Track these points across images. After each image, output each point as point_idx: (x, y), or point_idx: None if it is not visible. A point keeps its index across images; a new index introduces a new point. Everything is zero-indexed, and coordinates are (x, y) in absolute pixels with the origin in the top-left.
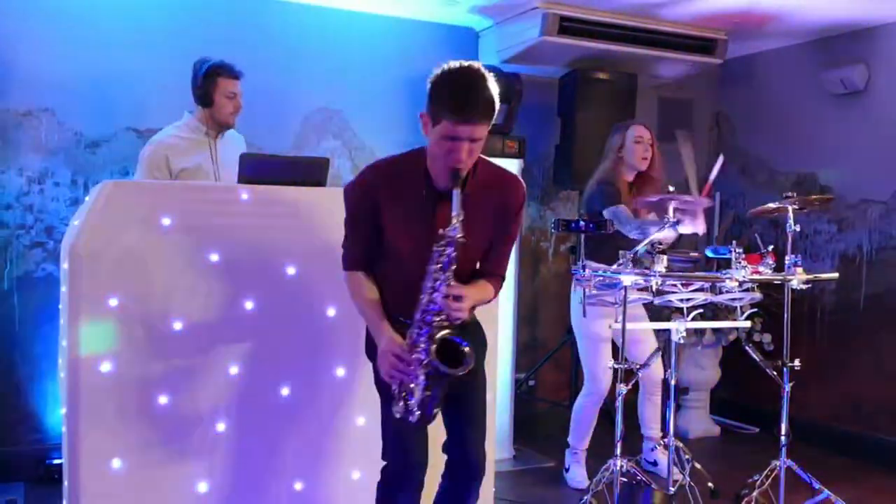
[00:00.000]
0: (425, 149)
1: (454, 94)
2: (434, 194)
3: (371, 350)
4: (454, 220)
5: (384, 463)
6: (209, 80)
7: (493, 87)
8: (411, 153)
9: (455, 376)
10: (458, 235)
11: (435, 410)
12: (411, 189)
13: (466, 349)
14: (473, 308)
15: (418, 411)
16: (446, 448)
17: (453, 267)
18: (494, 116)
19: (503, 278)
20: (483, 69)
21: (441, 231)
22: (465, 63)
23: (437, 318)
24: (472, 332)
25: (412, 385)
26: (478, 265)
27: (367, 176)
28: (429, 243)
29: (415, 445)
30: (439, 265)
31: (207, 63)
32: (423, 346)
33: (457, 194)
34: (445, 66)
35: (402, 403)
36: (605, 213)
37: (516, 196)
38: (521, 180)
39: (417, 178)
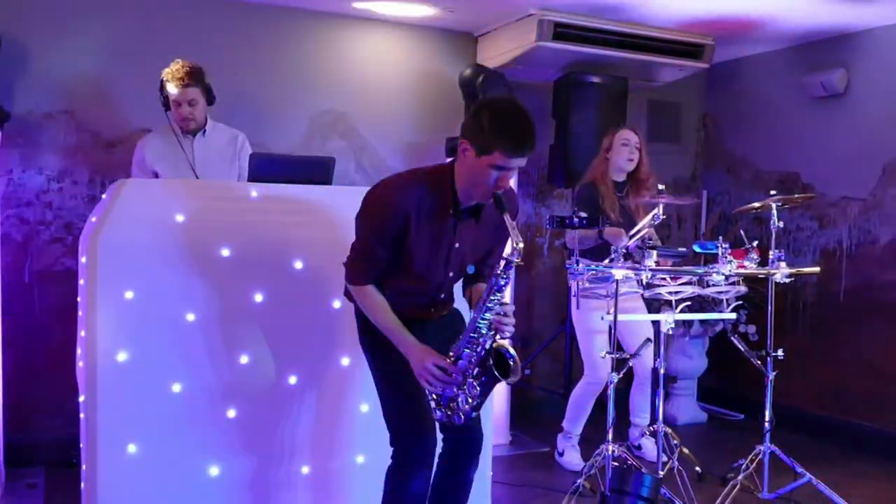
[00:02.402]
0: (448, 168)
1: (513, 130)
2: (458, 213)
3: (365, 340)
4: (516, 245)
5: (394, 448)
6: (161, 87)
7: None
8: (436, 172)
9: (509, 383)
10: (519, 260)
11: (475, 413)
12: (439, 209)
13: (512, 361)
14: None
15: (463, 414)
16: (443, 428)
17: (507, 288)
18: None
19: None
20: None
21: (506, 257)
22: (512, 98)
23: (483, 336)
24: (453, 320)
25: (455, 391)
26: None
27: (400, 187)
28: (443, 259)
29: (430, 427)
30: (497, 288)
31: (167, 68)
32: (473, 357)
33: (508, 219)
34: (494, 100)
35: (444, 410)
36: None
37: (513, 209)
38: (514, 192)
39: (445, 197)
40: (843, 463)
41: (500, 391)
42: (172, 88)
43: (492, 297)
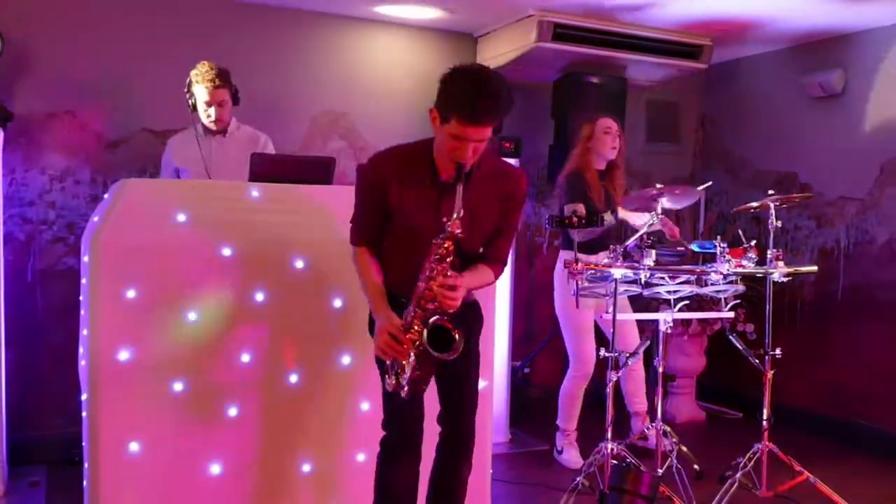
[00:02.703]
0: (433, 140)
1: (465, 97)
2: (439, 184)
3: (372, 327)
4: (454, 216)
5: (383, 433)
6: (189, 88)
7: (503, 90)
8: (420, 143)
9: (444, 360)
10: (457, 231)
11: (423, 387)
12: (418, 178)
13: (457, 335)
14: (474, 289)
15: (407, 387)
16: (440, 420)
17: (450, 259)
18: (503, 116)
19: (504, 264)
20: (496, 73)
21: (444, 224)
22: (478, 66)
23: (432, 305)
24: (471, 311)
25: (404, 363)
26: (480, 250)
27: (378, 160)
28: (433, 230)
29: (412, 419)
30: (437, 257)
31: (196, 70)
32: (416, 328)
33: (459, 190)
34: (458, 67)
35: (393, 379)
36: (566, 209)
37: (518, 187)
38: (524, 173)
39: (424, 169)
40: (841, 461)
41: (499, 388)
42: (202, 90)
43: (432, 265)
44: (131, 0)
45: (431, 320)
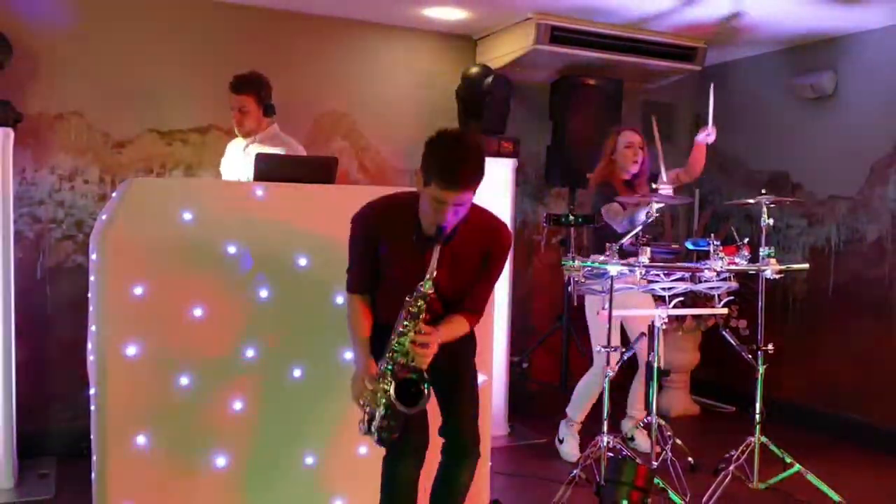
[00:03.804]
0: (417, 195)
1: (445, 164)
2: (423, 238)
3: None
4: (427, 276)
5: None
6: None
7: (481, 158)
8: (406, 197)
9: (409, 414)
10: (430, 291)
11: (394, 436)
12: (404, 232)
13: (424, 391)
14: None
15: (376, 434)
16: (441, 432)
17: (422, 316)
18: (480, 184)
19: (480, 314)
20: (475, 140)
21: (419, 284)
22: (459, 133)
23: (402, 360)
24: (456, 358)
25: (376, 411)
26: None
27: (367, 213)
28: (418, 277)
29: (415, 426)
30: (409, 314)
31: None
32: (389, 379)
33: (436, 252)
34: (441, 133)
35: (365, 425)
36: (603, 211)
37: (502, 241)
38: (508, 228)
39: (409, 223)
40: (832, 453)
41: (498, 383)
42: (229, 96)
43: (405, 322)
44: (138, 4)
45: (401, 376)
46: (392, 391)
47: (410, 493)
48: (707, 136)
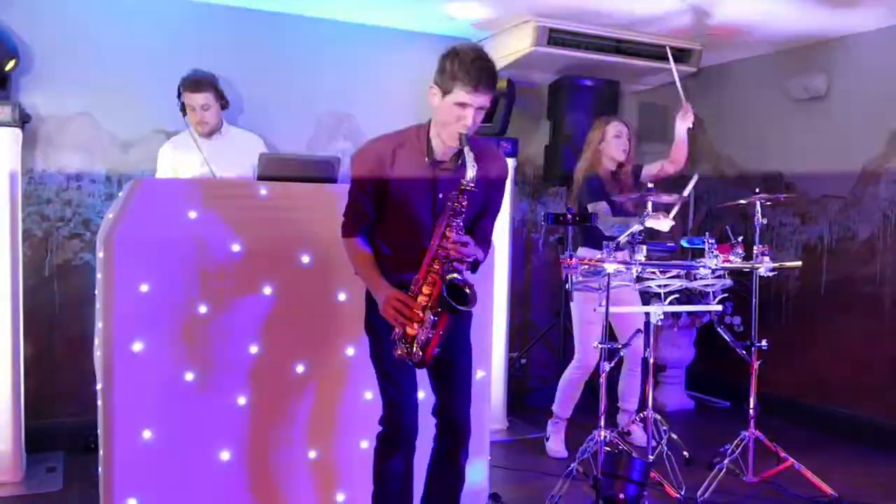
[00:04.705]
0: (423, 124)
1: (471, 65)
2: (435, 163)
3: (370, 325)
4: (470, 174)
5: (380, 428)
6: (179, 93)
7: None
8: (415, 127)
9: (462, 312)
10: (471, 186)
11: (437, 350)
12: (414, 157)
13: (468, 290)
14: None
15: (421, 351)
16: (435, 412)
17: (463, 215)
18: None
19: (489, 245)
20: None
21: (462, 181)
22: (474, 44)
23: (438, 266)
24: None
25: (416, 327)
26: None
27: (375, 144)
28: (427, 209)
29: (405, 415)
30: (453, 212)
31: (182, 77)
32: (426, 292)
33: (468, 152)
34: (456, 46)
35: (404, 346)
36: (589, 207)
37: (502, 170)
38: (504, 156)
39: (419, 148)
40: (824, 448)
41: (497, 378)
42: (187, 93)
43: (447, 222)
44: (143, 7)
45: (449, 276)
46: (444, 290)
47: (404, 487)
48: (686, 115)
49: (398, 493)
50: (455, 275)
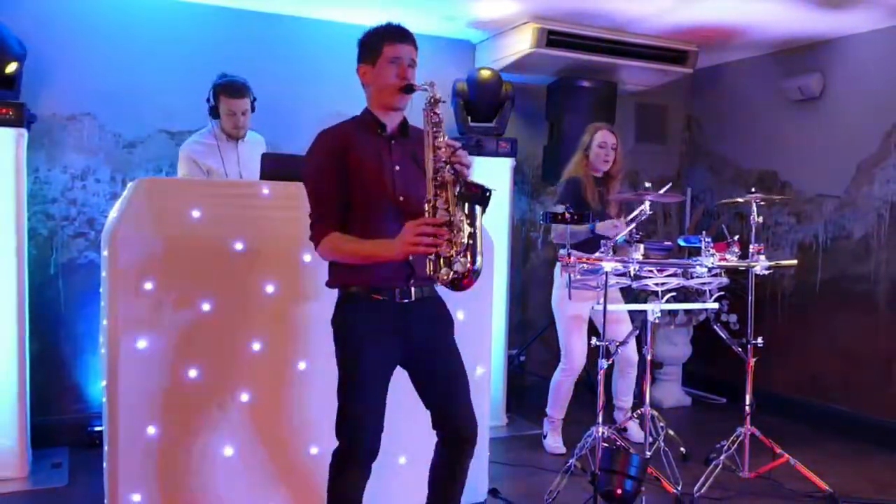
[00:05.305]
0: (365, 108)
1: (386, 27)
2: (386, 136)
3: (343, 331)
4: (429, 87)
5: (338, 444)
6: (215, 98)
7: None
8: (355, 116)
9: (490, 194)
10: (433, 94)
11: (480, 258)
12: (367, 135)
13: (481, 183)
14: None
15: (468, 260)
16: (436, 425)
17: (443, 124)
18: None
19: None
20: None
21: (425, 90)
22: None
23: (447, 174)
24: (441, 309)
25: (449, 241)
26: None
27: (327, 133)
28: (386, 184)
29: (369, 436)
30: (434, 123)
31: (215, 82)
32: (444, 202)
33: (419, 86)
34: (369, 26)
35: (446, 270)
36: (550, 209)
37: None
38: None
39: (370, 126)
40: (819, 443)
41: (496, 375)
42: (228, 100)
43: (437, 138)
44: (148, 9)
45: (460, 179)
46: (461, 186)
47: None
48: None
49: None
50: (465, 176)
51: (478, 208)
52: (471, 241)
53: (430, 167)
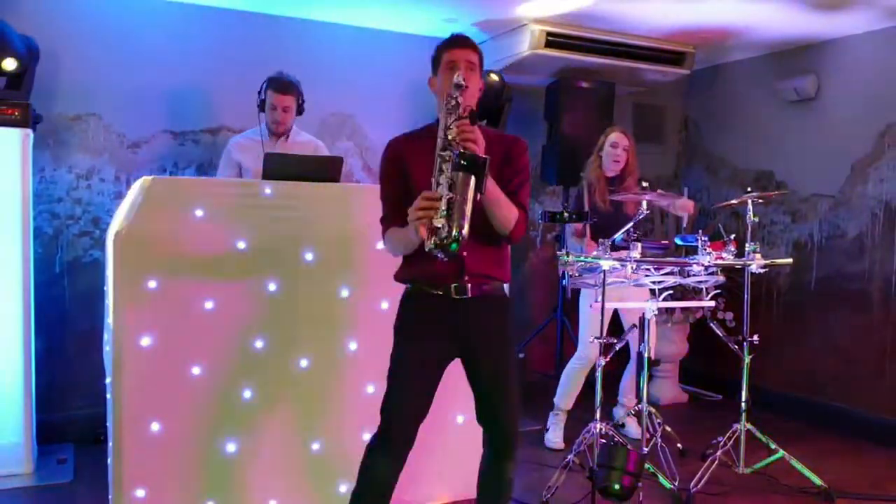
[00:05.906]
0: (434, 122)
1: (450, 36)
2: (447, 145)
3: (395, 322)
4: (461, 72)
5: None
6: (264, 91)
7: None
8: (423, 126)
9: (484, 162)
10: (463, 82)
11: (465, 225)
12: (427, 146)
13: (474, 152)
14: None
15: (454, 226)
16: (480, 420)
17: (460, 110)
18: (478, 55)
19: (526, 210)
20: None
21: (454, 79)
22: None
23: (452, 150)
24: (501, 306)
25: (447, 213)
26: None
27: (392, 141)
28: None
29: (393, 425)
30: (450, 106)
31: (270, 77)
32: (446, 181)
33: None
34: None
35: (435, 239)
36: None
37: (517, 145)
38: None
39: (431, 137)
40: (814, 440)
41: None
42: (273, 94)
43: (449, 119)
44: (151, 9)
45: (459, 151)
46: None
47: (384, 492)
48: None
49: (379, 494)
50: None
51: (472, 178)
52: (457, 209)
53: (439, 144)
